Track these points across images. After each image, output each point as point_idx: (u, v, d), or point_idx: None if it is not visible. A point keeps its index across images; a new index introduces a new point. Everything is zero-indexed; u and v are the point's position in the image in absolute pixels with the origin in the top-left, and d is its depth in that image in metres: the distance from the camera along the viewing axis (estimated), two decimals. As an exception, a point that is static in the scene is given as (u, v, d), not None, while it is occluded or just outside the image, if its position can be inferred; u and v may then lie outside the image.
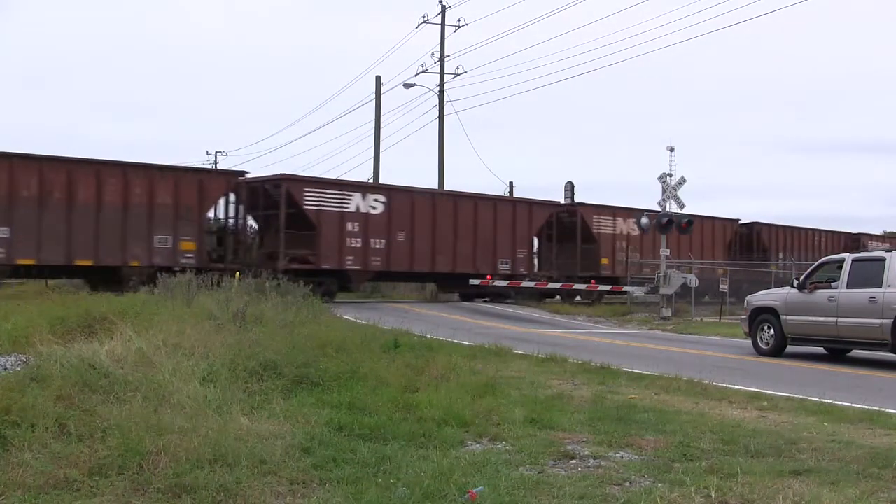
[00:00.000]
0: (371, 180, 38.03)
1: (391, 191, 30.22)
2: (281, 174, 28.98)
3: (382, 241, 28.73)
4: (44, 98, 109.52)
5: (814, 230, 43.42)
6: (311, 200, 27.52)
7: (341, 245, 27.94)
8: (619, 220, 35.07)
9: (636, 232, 33.73)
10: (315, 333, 12.21)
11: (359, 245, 28.20)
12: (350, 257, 28.11)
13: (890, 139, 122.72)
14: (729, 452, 6.86)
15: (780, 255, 39.93)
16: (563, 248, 34.15)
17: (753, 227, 40.54)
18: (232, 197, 27.91)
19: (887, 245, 44.10)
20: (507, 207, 32.72)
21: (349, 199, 28.31)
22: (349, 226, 28.11)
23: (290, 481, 5.57)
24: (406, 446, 6.61)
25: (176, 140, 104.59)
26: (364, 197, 28.81)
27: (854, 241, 44.67)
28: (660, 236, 29.52)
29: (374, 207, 28.81)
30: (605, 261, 34.55)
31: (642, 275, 33.66)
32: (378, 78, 41.68)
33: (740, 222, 39.81)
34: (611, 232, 34.86)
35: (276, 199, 27.33)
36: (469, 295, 32.05)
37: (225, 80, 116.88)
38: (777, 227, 41.75)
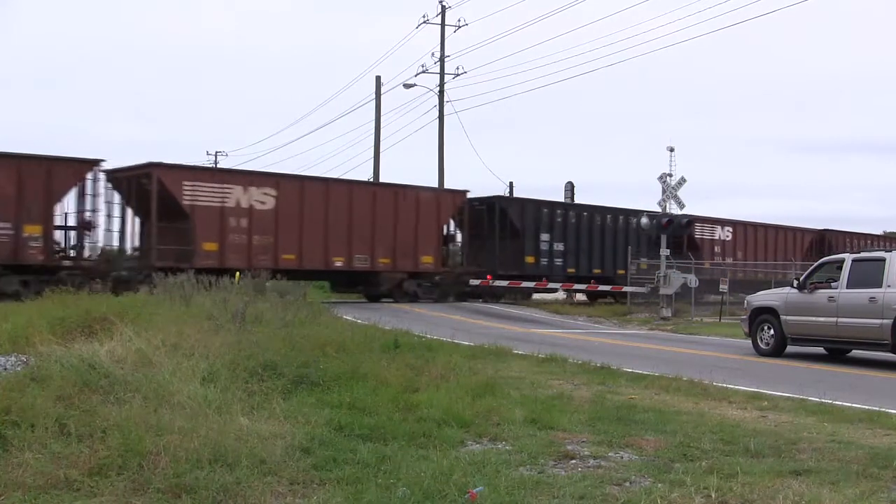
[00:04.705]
0: (371, 180, 37.94)
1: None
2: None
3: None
4: (44, 98, 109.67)
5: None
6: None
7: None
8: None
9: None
10: (315, 333, 12.21)
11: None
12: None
13: (890, 139, 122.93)
14: (729, 452, 6.86)
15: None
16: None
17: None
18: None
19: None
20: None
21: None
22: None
23: (290, 481, 5.56)
24: (406, 446, 6.60)
25: (176, 140, 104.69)
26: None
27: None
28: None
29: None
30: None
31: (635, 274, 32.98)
32: (378, 78, 41.74)
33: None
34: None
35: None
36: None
37: (225, 79, 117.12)
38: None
